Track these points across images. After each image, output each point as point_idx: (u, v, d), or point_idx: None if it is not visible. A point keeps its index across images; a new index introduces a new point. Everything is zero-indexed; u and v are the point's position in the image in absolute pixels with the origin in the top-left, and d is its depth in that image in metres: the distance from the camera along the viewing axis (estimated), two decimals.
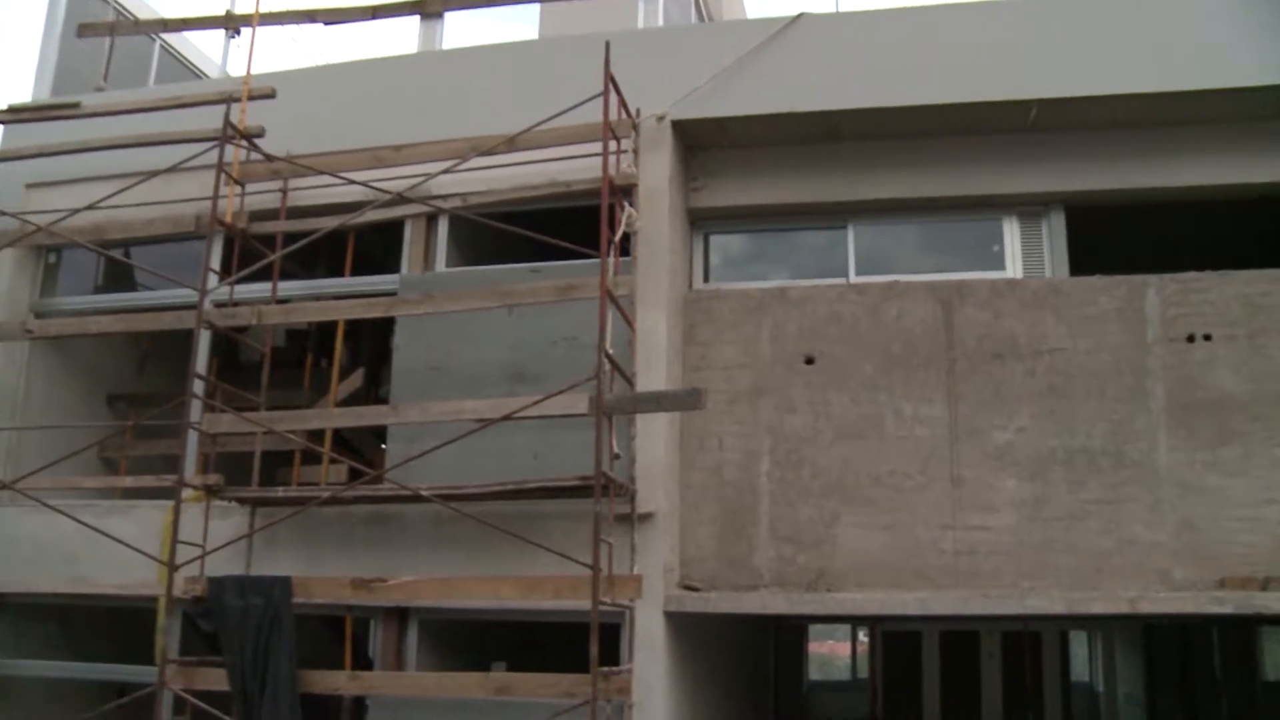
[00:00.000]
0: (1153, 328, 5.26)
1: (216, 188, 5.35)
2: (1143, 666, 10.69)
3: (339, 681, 4.86)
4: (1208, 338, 5.25)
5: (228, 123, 5.45)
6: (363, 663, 5.20)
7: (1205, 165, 5.44)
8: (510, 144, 5.16)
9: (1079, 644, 12.38)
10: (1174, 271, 5.34)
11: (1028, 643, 10.46)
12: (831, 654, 16.72)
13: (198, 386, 5.19)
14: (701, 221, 5.78)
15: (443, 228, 5.66)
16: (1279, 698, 8.96)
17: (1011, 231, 5.54)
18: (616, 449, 4.68)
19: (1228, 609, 4.88)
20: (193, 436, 5.22)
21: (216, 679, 4.85)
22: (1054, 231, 5.49)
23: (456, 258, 5.68)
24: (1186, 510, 5.12)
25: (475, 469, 4.85)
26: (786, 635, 10.81)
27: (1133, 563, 5.11)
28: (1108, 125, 5.44)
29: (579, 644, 4.30)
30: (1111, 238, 6.08)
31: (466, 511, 4.76)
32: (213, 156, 5.38)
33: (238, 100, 5.53)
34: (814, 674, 15.25)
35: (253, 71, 5.85)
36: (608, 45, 4.75)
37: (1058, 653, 11.21)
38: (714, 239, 5.85)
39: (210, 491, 5.13)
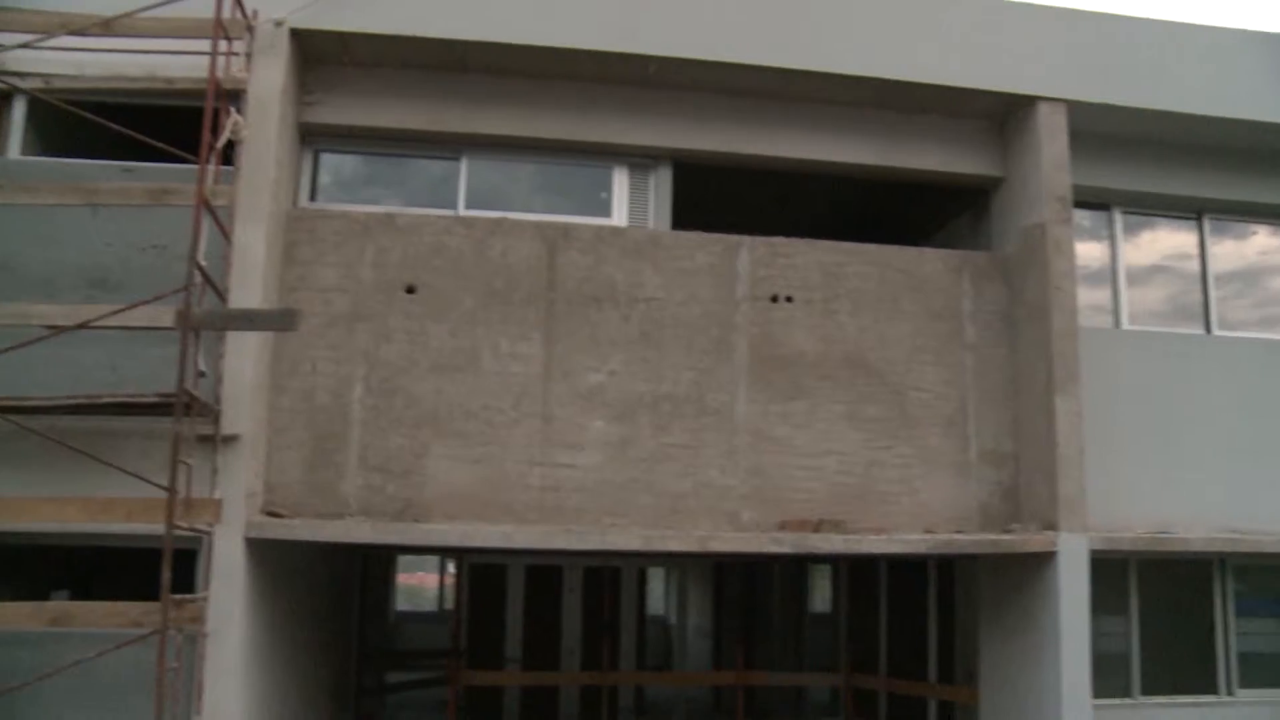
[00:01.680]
0: (742, 286, 9.66)
1: None
2: (712, 600, 18.34)
3: None
4: (789, 299, 9.75)
5: None
6: None
7: (806, 140, 10.04)
8: (106, 27, 8.27)
9: (657, 580, 19.38)
10: (766, 235, 9.72)
11: (608, 578, 15.95)
12: (421, 585, 24.91)
13: None
14: (313, 138, 9.46)
15: (19, 110, 8.78)
16: (823, 627, 15.36)
17: (620, 181, 9.77)
18: (202, 367, 7.74)
19: (785, 549, 9.27)
20: None
21: None
22: (660, 185, 9.80)
23: (39, 147, 8.84)
24: (757, 457, 9.52)
25: (44, 380, 7.71)
26: (375, 565, 15.95)
27: (706, 504, 9.40)
28: (721, 90, 9.86)
29: (156, 572, 7.10)
30: (714, 197, 10.52)
31: (30, 426, 7.56)
32: None
33: None
34: (402, 604, 23.38)
35: None
36: None
37: (635, 588, 17.04)
38: (325, 157, 9.58)
39: None
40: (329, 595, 11.77)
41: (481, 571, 15.68)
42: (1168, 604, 11.34)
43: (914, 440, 9.91)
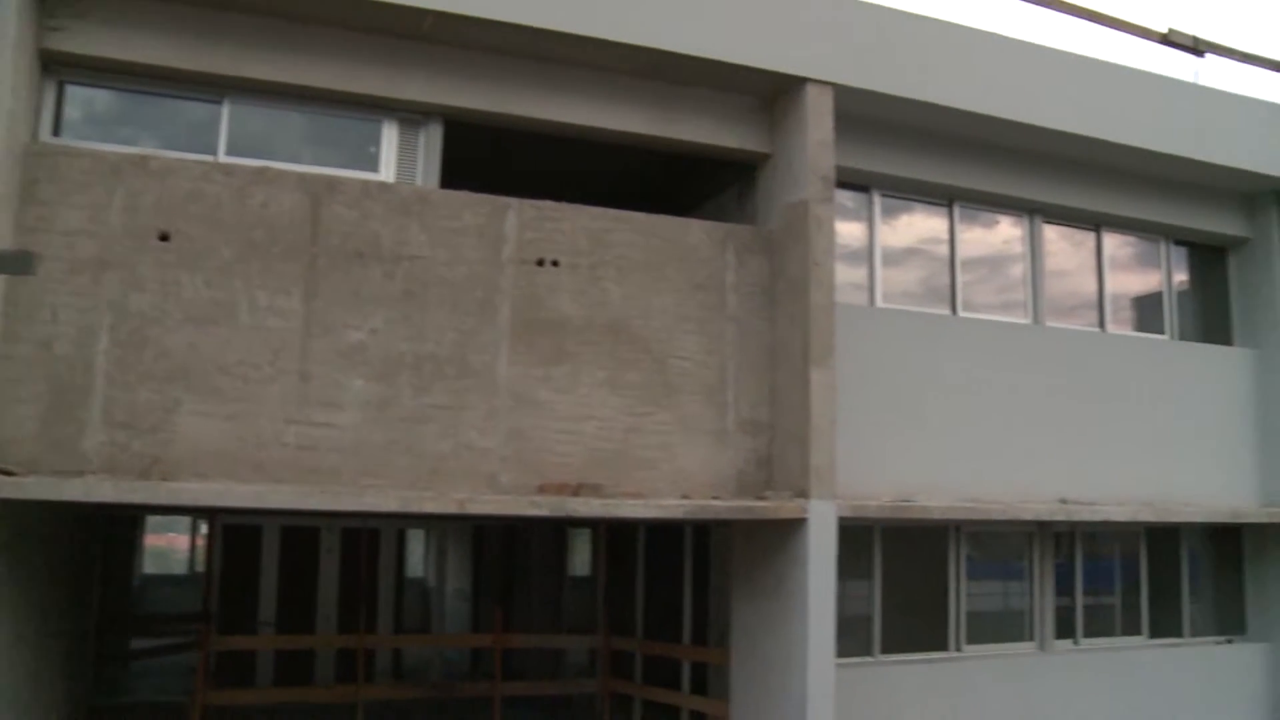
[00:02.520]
0: (509, 248, 9.72)
1: None
2: (471, 563, 18.83)
3: None
4: (555, 264, 9.86)
5: None
6: None
7: (580, 106, 10.14)
8: None
9: (416, 542, 19.54)
10: (535, 198, 9.79)
11: (366, 540, 15.98)
12: (171, 547, 24.53)
13: None
14: (57, 67, 8.99)
15: None
16: (582, 590, 15.92)
17: (390, 136, 9.67)
18: None
19: (543, 511, 9.41)
20: None
21: None
22: (430, 142, 9.75)
23: None
24: (518, 421, 9.61)
25: None
26: (121, 527, 15.98)
27: (466, 466, 9.43)
28: (497, 50, 9.87)
29: None
30: (486, 158, 10.54)
31: None
32: None
33: None
34: (150, 567, 22.51)
35: None
36: None
37: (394, 550, 17.30)
38: (72, 90, 9.08)
39: None
40: (68, 558, 11.27)
41: (234, 533, 15.35)
42: (908, 568, 12.11)
43: (674, 407, 10.19)
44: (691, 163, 11.34)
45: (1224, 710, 13.77)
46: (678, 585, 13.00)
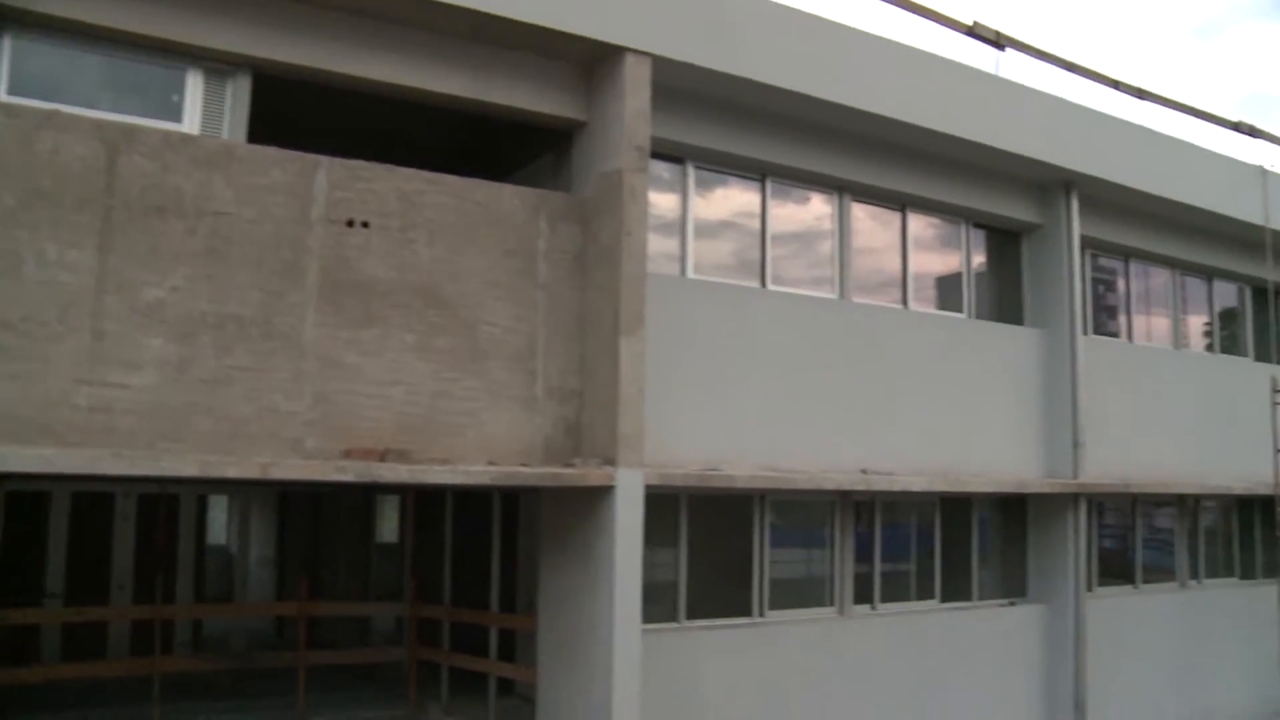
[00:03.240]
0: (318, 207, 9.52)
1: None
2: (276, 530, 18.62)
3: None
4: (366, 225, 9.71)
5: None
6: None
7: (397, 65, 9.98)
8: None
9: (218, 508, 19.13)
10: (347, 157, 9.60)
11: (165, 506, 15.56)
12: None
13: None
14: None
15: None
16: (390, 557, 16.04)
17: (195, 85, 9.36)
18: None
19: (349, 477, 9.26)
20: None
21: None
22: (238, 94, 9.47)
23: None
24: (324, 384, 9.44)
25: None
26: None
27: (270, 430, 9.22)
28: (310, 1, 9.52)
29: None
30: (299, 114, 10.30)
31: None
32: None
33: None
34: None
35: None
36: None
37: (195, 517, 16.92)
38: None
39: None
40: None
41: (19, 499, 14.52)
42: (714, 536, 12.41)
43: (483, 374, 10.17)
44: (508, 127, 11.28)
45: (1006, 666, 14.68)
46: (486, 553, 13.01)
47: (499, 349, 10.27)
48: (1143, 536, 17.55)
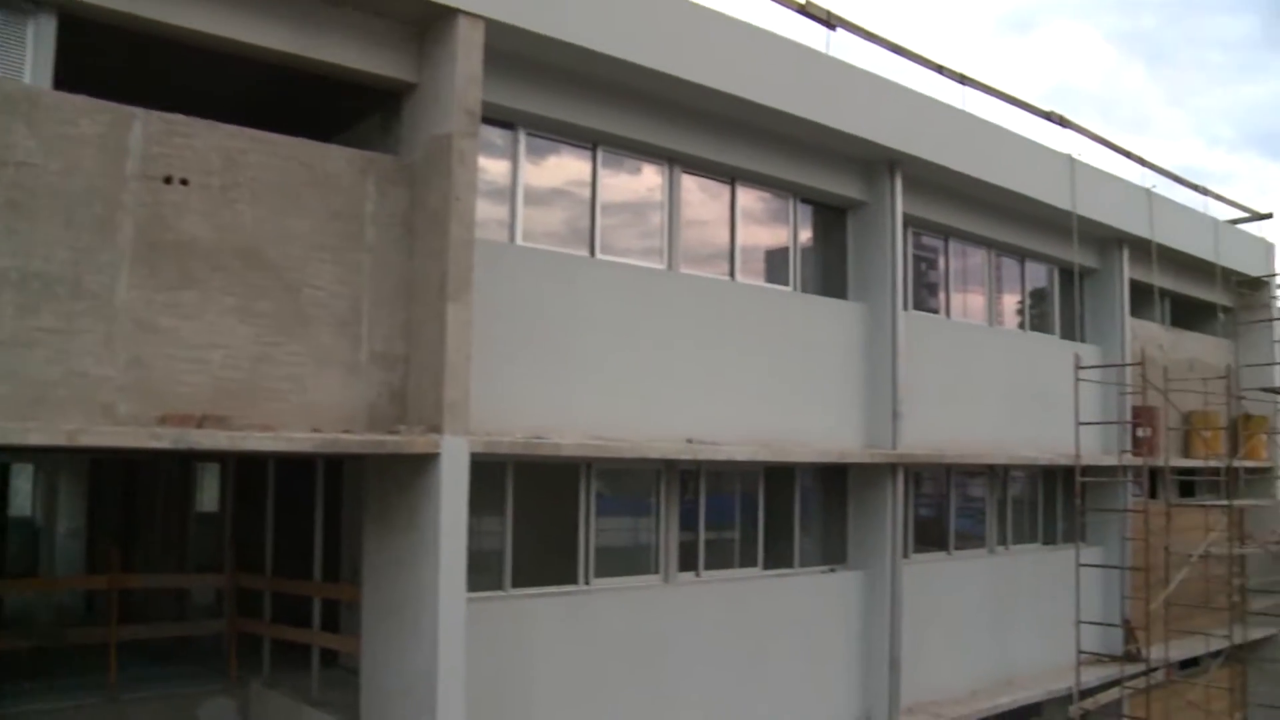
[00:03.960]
0: (133, 162, 9.13)
1: None
2: (87, 500, 18.24)
3: None
4: (184, 182, 9.38)
5: None
6: None
7: (216, 15, 9.62)
8: None
9: (22, 478, 18.77)
10: (165, 111, 9.24)
11: None
12: None
13: None
14: None
15: None
16: (210, 527, 15.77)
17: None
18: None
19: (165, 444, 8.95)
20: None
21: None
22: (41, 36, 8.99)
23: None
24: (139, 347, 9.10)
25: None
26: None
27: (79, 395, 8.83)
28: None
29: None
30: (115, 65, 9.87)
31: None
32: None
33: None
34: None
35: None
36: None
37: None
38: None
39: None
40: None
41: None
42: (540, 504, 12.45)
43: (306, 338, 9.93)
44: (336, 86, 10.99)
45: (826, 630, 15.16)
46: (309, 522, 12.75)
47: (323, 313, 10.05)
48: (956, 505, 18.31)
